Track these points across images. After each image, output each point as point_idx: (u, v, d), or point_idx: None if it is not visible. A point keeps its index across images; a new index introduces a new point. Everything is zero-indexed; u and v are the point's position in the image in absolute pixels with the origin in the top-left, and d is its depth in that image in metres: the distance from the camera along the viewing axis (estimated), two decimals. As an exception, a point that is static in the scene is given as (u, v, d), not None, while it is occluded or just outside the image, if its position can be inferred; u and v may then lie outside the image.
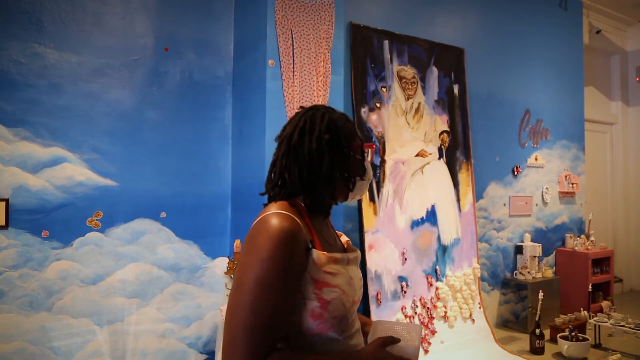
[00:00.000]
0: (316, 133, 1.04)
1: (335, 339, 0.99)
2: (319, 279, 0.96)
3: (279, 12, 2.58)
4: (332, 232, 1.16)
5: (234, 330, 0.89)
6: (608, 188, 5.83)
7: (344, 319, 0.99)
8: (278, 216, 0.95)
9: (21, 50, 2.37)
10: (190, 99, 2.84)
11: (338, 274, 0.99)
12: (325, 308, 0.95)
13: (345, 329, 1.01)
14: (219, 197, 2.92)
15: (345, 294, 0.99)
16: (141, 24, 2.71)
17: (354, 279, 1.05)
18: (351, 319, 1.03)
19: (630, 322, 3.55)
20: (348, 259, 1.07)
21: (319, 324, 0.96)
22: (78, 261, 2.47)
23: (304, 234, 0.96)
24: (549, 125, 4.71)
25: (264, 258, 0.90)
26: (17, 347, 2.30)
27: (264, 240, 0.91)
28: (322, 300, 0.95)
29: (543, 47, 4.66)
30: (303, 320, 0.96)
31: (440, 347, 3.28)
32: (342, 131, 1.06)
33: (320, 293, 0.96)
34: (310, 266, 0.96)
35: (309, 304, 0.95)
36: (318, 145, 1.03)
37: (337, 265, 1.01)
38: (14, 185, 2.33)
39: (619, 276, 5.62)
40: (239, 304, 0.90)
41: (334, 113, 1.10)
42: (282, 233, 0.92)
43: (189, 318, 2.78)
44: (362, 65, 3.29)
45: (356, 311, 1.10)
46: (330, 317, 0.96)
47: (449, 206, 3.65)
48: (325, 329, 0.97)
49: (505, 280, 4.22)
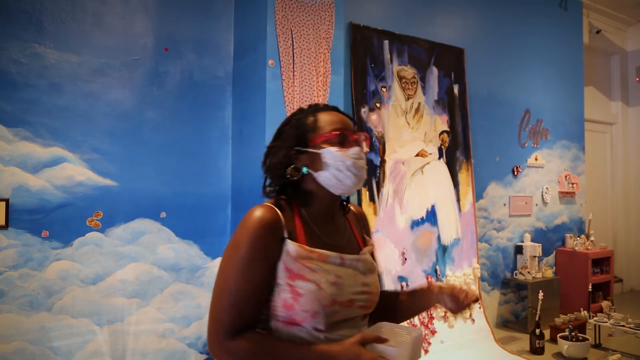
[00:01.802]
0: (276, 133, 1.13)
1: (310, 333, 1.00)
2: (294, 270, 0.99)
3: (279, 12, 2.58)
4: (345, 230, 1.15)
5: (215, 309, 0.98)
6: (608, 188, 5.83)
7: (317, 315, 0.98)
8: (259, 208, 1.02)
9: (21, 50, 2.37)
10: (190, 99, 2.84)
11: (319, 270, 1.00)
12: (297, 300, 0.98)
13: (322, 328, 1.00)
14: (219, 197, 2.92)
15: (322, 290, 0.99)
16: (141, 24, 2.70)
17: (343, 279, 1.03)
18: (331, 318, 1.01)
19: (630, 322, 3.55)
20: (342, 259, 1.05)
21: (290, 314, 0.99)
22: (78, 261, 2.47)
23: (281, 225, 1.01)
24: (549, 125, 4.71)
25: (238, 244, 0.99)
26: (17, 347, 2.30)
27: (243, 228, 1.00)
28: (294, 292, 0.98)
29: (543, 47, 4.66)
30: (277, 308, 1.00)
31: (440, 347, 3.28)
32: (291, 129, 1.10)
33: (293, 284, 0.99)
34: (285, 256, 1.00)
35: (282, 293, 0.99)
36: (270, 144, 1.13)
37: (320, 262, 1.02)
38: (14, 185, 2.33)
39: (619, 276, 5.62)
40: (217, 287, 1.00)
41: (304, 110, 1.13)
42: (256, 222, 0.99)
43: (189, 318, 2.78)
44: (362, 65, 3.29)
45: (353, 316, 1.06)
46: (300, 310, 0.98)
47: (449, 206, 3.65)
48: (297, 321, 0.99)
49: (505, 280, 4.22)
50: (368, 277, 1.10)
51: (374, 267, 1.14)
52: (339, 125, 1.09)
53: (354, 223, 1.21)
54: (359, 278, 1.07)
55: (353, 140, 1.09)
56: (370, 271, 1.11)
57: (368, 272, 1.11)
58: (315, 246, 1.04)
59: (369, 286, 1.09)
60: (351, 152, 1.07)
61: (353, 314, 1.06)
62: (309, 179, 1.08)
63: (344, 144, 1.07)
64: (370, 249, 1.18)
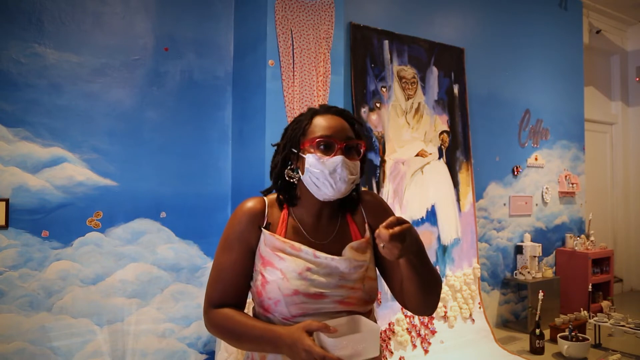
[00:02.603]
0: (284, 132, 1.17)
1: (280, 321, 1.06)
2: (266, 257, 1.08)
3: (279, 12, 2.58)
4: (333, 232, 1.14)
5: (209, 279, 1.13)
6: (608, 188, 5.83)
7: (278, 303, 1.04)
8: (251, 198, 1.14)
9: (21, 50, 2.37)
10: (190, 99, 2.84)
11: (287, 259, 1.06)
12: (264, 287, 1.06)
13: (287, 317, 1.04)
14: (219, 197, 2.92)
15: (285, 279, 1.04)
16: (141, 24, 2.70)
17: (313, 273, 1.05)
18: (296, 309, 1.03)
19: (630, 322, 3.55)
20: (315, 255, 1.07)
21: (260, 300, 1.08)
22: (78, 261, 2.47)
23: (262, 215, 1.11)
24: (549, 125, 4.71)
25: (227, 227, 1.12)
26: (17, 347, 2.30)
27: (232, 214, 1.14)
28: (263, 279, 1.07)
29: (543, 47, 4.66)
30: (254, 294, 1.11)
31: (440, 347, 3.28)
32: (290, 132, 1.13)
33: (264, 271, 1.07)
34: (261, 244, 1.09)
35: (257, 279, 1.09)
36: (277, 143, 1.17)
37: (292, 254, 1.07)
38: (14, 185, 2.33)
39: (619, 276, 5.62)
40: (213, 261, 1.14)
41: (304, 113, 1.15)
42: (240, 209, 1.12)
43: (189, 318, 2.78)
44: (362, 65, 3.29)
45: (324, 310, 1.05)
46: (266, 297, 1.06)
47: (449, 206, 3.65)
48: (267, 307, 1.07)
49: (505, 280, 4.22)
50: (352, 274, 1.09)
51: (363, 264, 1.11)
52: (327, 131, 1.07)
53: (357, 218, 1.18)
54: (335, 273, 1.07)
55: (339, 148, 1.06)
56: (355, 268, 1.09)
57: (352, 269, 1.09)
58: (293, 239, 1.09)
59: (350, 282, 1.08)
60: (330, 162, 1.04)
61: (328, 308, 1.06)
62: (301, 182, 1.12)
63: (329, 151, 1.06)
64: (360, 243, 1.13)
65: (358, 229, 1.17)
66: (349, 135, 1.09)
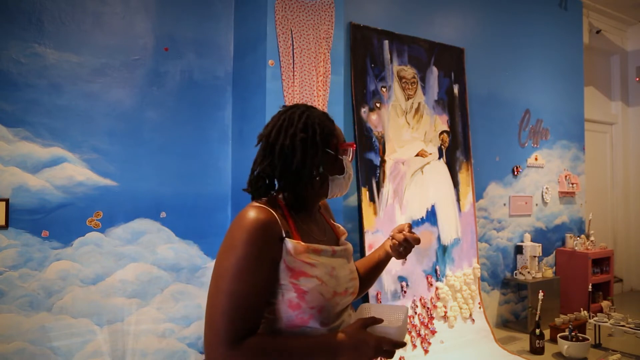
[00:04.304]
0: (291, 130, 1.07)
1: (317, 330, 1.01)
2: (295, 268, 0.99)
3: (279, 12, 2.58)
4: (324, 226, 1.19)
5: (213, 314, 0.93)
6: (608, 188, 5.83)
7: (323, 310, 1.00)
8: (253, 209, 1.00)
9: (21, 50, 2.37)
10: (190, 99, 2.84)
11: (317, 264, 1.02)
12: (303, 298, 0.98)
13: (328, 321, 1.02)
14: (219, 197, 2.92)
15: (324, 284, 1.01)
16: (141, 24, 2.70)
17: (337, 270, 1.06)
18: (334, 310, 1.03)
19: (630, 322, 3.55)
20: (334, 250, 1.09)
21: (297, 314, 0.98)
22: (78, 261, 2.47)
23: (278, 225, 1.00)
24: (549, 125, 4.71)
25: (239, 246, 0.95)
26: (17, 347, 2.30)
27: (238, 230, 0.97)
28: (299, 290, 0.98)
29: (543, 47, 4.66)
30: (282, 311, 0.99)
31: (440, 347, 3.28)
32: (319, 129, 1.08)
33: (297, 283, 0.98)
34: (286, 255, 0.99)
35: (287, 293, 0.98)
36: (292, 142, 1.06)
37: (317, 256, 1.03)
38: (14, 185, 2.33)
39: (619, 276, 5.62)
40: (217, 290, 0.95)
41: (313, 112, 1.12)
42: (255, 223, 0.97)
43: (189, 318, 2.78)
44: (362, 65, 3.29)
45: (347, 304, 1.10)
46: (307, 307, 0.98)
47: (449, 206, 3.65)
48: (305, 320, 0.99)
49: (505, 280, 4.22)
50: (351, 263, 1.17)
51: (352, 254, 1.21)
52: (344, 138, 1.18)
53: (325, 214, 1.26)
54: (347, 266, 1.12)
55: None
56: (351, 257, 1.19)
57: (351, 258, 1.18)
58: (308, 241, 1.06)
59: (354, 272, 1.16)
60: (351, 165, 1.17)
61: (347, 302, 1.10)
62: (318, 181, 1.09)
63: (350, 156, 1.17)
64: (346, 235, 1.25)
65: (332, 225, 1.25)
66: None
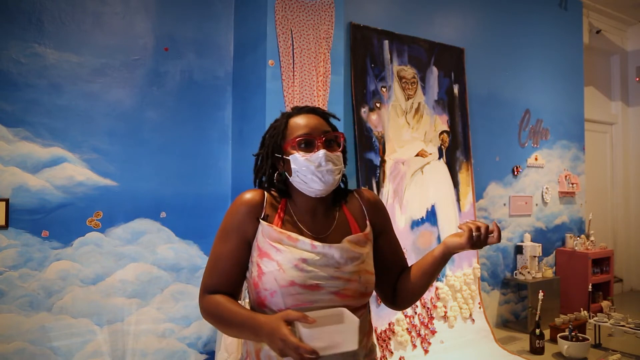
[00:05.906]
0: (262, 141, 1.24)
1: (275, 313, 1.02)
2: (263, 248, 1.09)
3: (279, 12, 2.58)
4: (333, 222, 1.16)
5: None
6: (608, 188, 5.83)
7: (275, 294, 1.05)
8: (249, 190, 1.15)
9: (21, 50, 2.37)
10: (190, 99, 2.84)
11: (285, 251, 1.07)
12: (260, 278, 1.07)
13: (284, 307, 1.03)
14: (219, 197, 2.92)
15: (282, 271, 1.04)
16: (141, 24, 2.71)
17: (309, 264, 1.05)
18: (292, 300, 1.04)
19: (630, 322, 3.55)
20: (313, 245, 1.08)
21: (258, 292, 1.08)
22: (78, 261, 2.47)
23: (261, 207, 1.12)
24: (549, 125, 4.71)
25: (225, 216, 1.14)
26: (17, 347, 2.30)
27: (230, 205, 1.15)
28: (259, 270, 1.07)
29: (543, 47, 4.66)
30: (250, 286, 1.12)
31: (440, 347, 3.28)
32: (268, 139, 1.19)
33: (260, 262, 1.08)
34: (259, 235, 1.10)
35: (254, 271, 1.09)
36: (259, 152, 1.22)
37: (289, 245, 1.07)
38: (14, 185, 2.33)
39: (619, 276, 5.62)
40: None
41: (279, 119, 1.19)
42: (238, 200, 1.13)
43: (189, 318, 2.78)
44: (362, 65, 3.29)
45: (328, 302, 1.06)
46: (262, 288, 1.07)
47: (449, 206, 3.65)
48: (262, 300, 1.07)
49: (505, 280, 4.22)
50: (348, 265, 1.09)
51: (359, 256, 1.12)
52: (304, 130, 1.13)
53: (356, 213, 1.20)
54: (331, 264, 1.08)
55: (320, 143, 1.11)
56: (351, 259, 1.10)
57: (348, 260, 1.10)
58: (289, 230, 1.10)
59: (346, 274, 1.09)
60: (314, 157, 1.10)
61: (324, 300, 1.06)
62: (279, 185, 1.17)
63: (310, 148, 1.11)
64: (359, 237, 1.15)
65: (357, 224, 1.18)
66: (325, 130, 1.15)
